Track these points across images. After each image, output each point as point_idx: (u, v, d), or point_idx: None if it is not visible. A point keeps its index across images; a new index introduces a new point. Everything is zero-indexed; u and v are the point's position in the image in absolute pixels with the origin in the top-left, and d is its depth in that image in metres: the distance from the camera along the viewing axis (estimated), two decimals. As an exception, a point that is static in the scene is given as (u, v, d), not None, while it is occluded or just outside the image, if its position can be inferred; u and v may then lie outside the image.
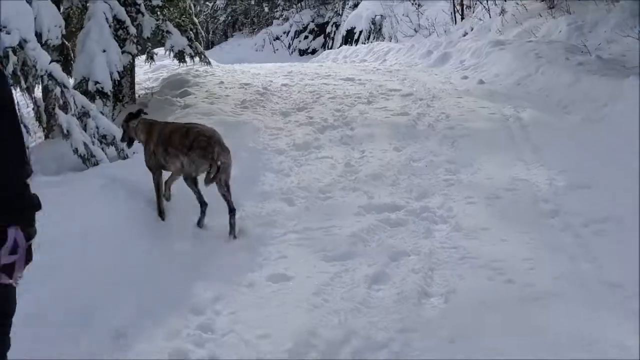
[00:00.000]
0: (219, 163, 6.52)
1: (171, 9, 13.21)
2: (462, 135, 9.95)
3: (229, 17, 55.51)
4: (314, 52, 46.37)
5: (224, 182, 6.70)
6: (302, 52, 46.82)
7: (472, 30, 21.26)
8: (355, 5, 38.41)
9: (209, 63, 14.21)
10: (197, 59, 13.97)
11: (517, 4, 19.56)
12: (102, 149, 8.25)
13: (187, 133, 6.75)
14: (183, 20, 13.90)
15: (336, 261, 5.80)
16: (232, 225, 6.57)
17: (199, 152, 6.54)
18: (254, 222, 6.78)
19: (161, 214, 6.76)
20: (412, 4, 29.09)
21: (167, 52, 11.41)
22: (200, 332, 4.80)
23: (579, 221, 6.41)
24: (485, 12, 21.17)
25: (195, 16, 14.79)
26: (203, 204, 6.78)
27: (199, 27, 14.63)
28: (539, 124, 10.35)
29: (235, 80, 14.93)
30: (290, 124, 10.98)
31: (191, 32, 13.91)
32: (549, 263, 5.61)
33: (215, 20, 56.32)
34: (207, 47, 56.44)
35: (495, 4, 20.84)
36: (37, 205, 3.12)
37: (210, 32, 58.92)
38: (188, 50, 11.20)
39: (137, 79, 14.61)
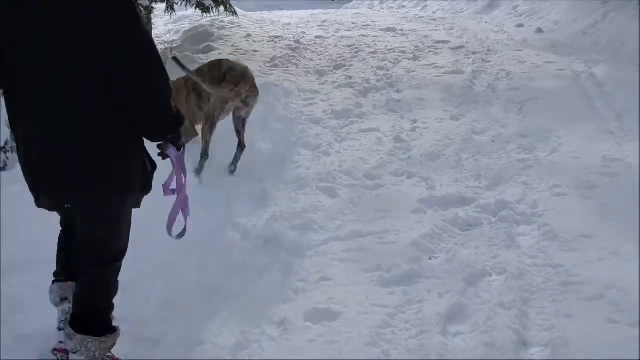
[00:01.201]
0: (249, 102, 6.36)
1: None
2: (530, 98, 8.45)
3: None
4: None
5: (243, 119, 6.42)
6: (334, -3, 45.06)
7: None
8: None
9: (234, 13, 12.70)
10: (221, 8, 12.57)
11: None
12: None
13: (220, 65, 6.56)
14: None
15: (396, 286, 4.37)
16: (236, 158, 6.31)
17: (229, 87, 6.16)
18: (287, 223, 5.37)
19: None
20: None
21: (184, 2, 9.89)
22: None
23: None
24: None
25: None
26: (205, 156, 6.16)
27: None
28: (617, 82, 8.85)
29: (264, 33, 13.42)
30: (327, 85, 9.52)
31: (213, -21, 12.46)
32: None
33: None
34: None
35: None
36: (182, 116, 3.32)
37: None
38: (207, 1, 9.70)
39: (155, 32, 13.19)
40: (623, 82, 8.81)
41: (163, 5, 12.34)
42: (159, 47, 12.57)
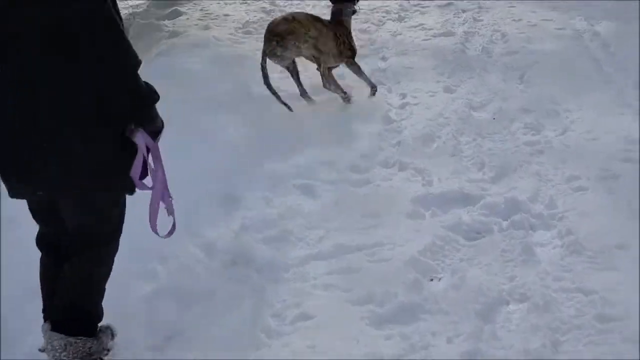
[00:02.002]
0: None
1: None
2: (530, 64, 7.58)
3: None
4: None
5: None
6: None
7: None
8: None
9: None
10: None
11: None
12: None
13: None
14: None
15: (393, 325, 3.50)
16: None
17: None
18: (259, 234, 4.51)
19: None
20: None
21: None
22: None
23: None
24: None
25: None
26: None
27: None
28: (625, 41, 8.01)
29: (235, -5, 12.44)
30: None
31: None
32: None
33: None
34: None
35: None
36: (156, 95, 2.98)
37: None
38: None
39: (120, -4, 12.21)
40: (630, 41, 7.92)
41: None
42: (123, 12, 11.58)
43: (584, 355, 3.19)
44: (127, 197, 3.18)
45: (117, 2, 2.96)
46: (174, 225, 3.16)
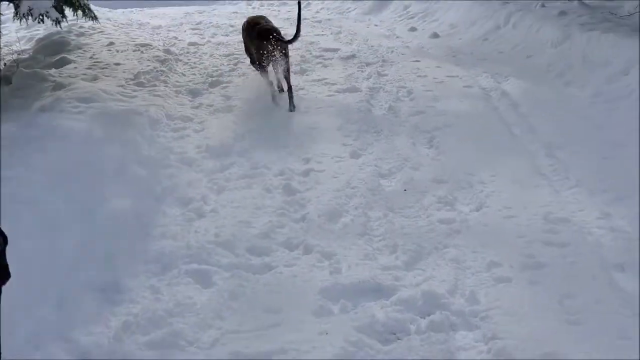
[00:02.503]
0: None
1: None
2: (439, 125, 7.22)
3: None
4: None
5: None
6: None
7: (409, -34, 18.34)
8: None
9: (94, 18, 11.09)
10: (79, 12, 10.94)
11: None
12: None
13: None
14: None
15: None
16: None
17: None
18: (144, 337, 3.89)
19: None
20: None
21: (19, 18, 8.09)
22: None
23: None
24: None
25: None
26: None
27: (81, -29, 11.40)
28: (534, 102, 7.79)
29: (129, 40, 11.79)
30: (202, 109, 8.06)
31: (70, -21, 10.81)
32: None
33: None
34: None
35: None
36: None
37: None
38: (54, 14, 7.98)
39: (5, 39, 11.41)
40: (540, 101, 7.73)
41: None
42: (7, 58, 10.79)
43: None
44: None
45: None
46: None
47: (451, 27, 12.06)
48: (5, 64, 10.13)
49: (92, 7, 11.19)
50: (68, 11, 10.85)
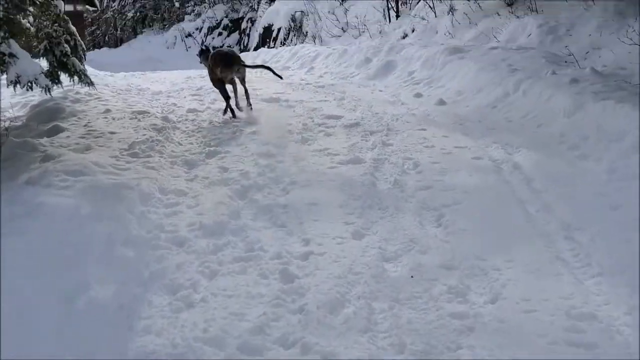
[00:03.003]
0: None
1: (41, 16, 9.91)
2: (448, 202, 6.79)
3: (138, 13, 52.32)
4: (229, 49, 43.19)
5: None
6: (217, 50, 43.70)
7: (413, 31, 18.24)
8: (273, 0, 35.32)
9: (91, 84, 10.78)
10: (75, 78, 10.65)
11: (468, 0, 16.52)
12: None
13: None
14: (55, 30, 10.53)
15: None
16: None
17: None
18: None
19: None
20: (336, -1, 25.99)
21: (10, 84, 7.74)
22: None
23: None
24: (429, 10, 18.07)
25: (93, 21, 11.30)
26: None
27: (78, 37, 11.13)
28: (548, 176, 7.32)
29: (126, 107, 11.47)
30: (197, 182, 7.65)
31: (66, 46, 10.54)
32: None
33: (124, 17, 52.90)
34: (116, 45, 53.09)
35: (441, 1, 17.79)
36: None
37: (119, 29, 55.54)
38: (43, 81, 7.62)
39: (-2, 106, 11.07)
40: (554, 176, 7.29)
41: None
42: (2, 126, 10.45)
43: None
44: None
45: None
46: None
47: (458, 93, 11.70)
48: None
49: (90, 71, 10.93)
50: (64, 77, 10.57)
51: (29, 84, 7.41)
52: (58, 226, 5.92)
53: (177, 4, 48.80)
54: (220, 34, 45.28)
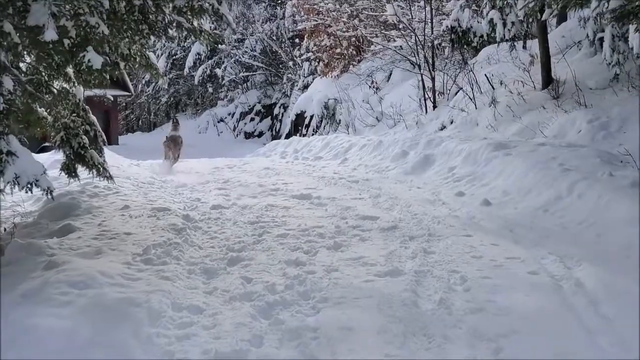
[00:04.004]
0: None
1: (60, 107, 9.32)
2: (504, 331, 5.81)
3: (172, 98, 52.54)
4: (260, 134, 43.15)
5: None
6: (248, 135, 43.69)
7: (452, 123, 17.46)
8: (306, 87, 35.00)
9: (109, 178, 10.10)
10: (94, 171, 10.01)
11: (511, 92, 15.74)
12: None
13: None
14: (73, 120, 9.92)
15: None
16: None
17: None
18: None
19: None
20: (370, 87, 25.42)
21: (7, 185, 6.94)
22: None
23: None
24: (468, 101, 17.32)
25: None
26: None
27: (98, 127, 10.50)
28: (617, 299, 6.36)
29: (147, 202, 10.70)
30: (216, 296, 6.76)
31: (84, 137, 9.92)
32: None
33: (157, 101, 53.12)
34: (149, 129, 53.15)
35: (482, 92, 17.05)
36: None
37: (152, 114, 55.74)
38: (45, 182, 6.83)
39: (12, 199, 10.37)
40: (624, 299, 6.31)
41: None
42: (11, 222, 9.69)
43: None
44: None
45: None
46: None
47: (504, 194, 10.79)
48: (5, 229, 9.03)
49: (113, 162, 10.24)
50: (81, 169, 9.92)
51: (29, 185, 6.64)
52: (48, 355, 5.07)
53: (210, 89, 48.87)
54: (252, 119, 45.15)
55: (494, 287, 6.83)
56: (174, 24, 8.36)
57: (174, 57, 50.24)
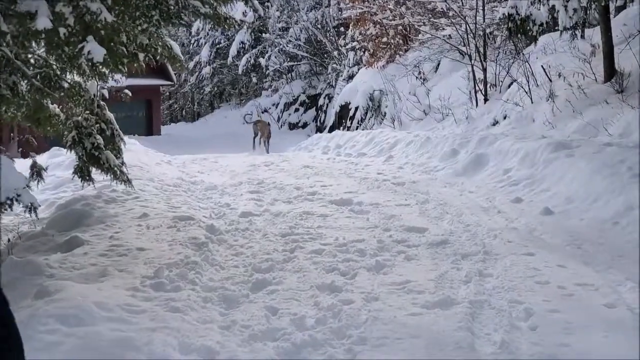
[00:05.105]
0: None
1: (72, 104, 8.46)
2: (583, 390, 4.69)
3: (215, 88, 51.85)
4: (305, 125, 42.30)
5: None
6: (292, 126, 42.86)
7: (505, 118, 16.20)
8: (350, 77, 33.87)
9: (127, 182, 9.18)
10: (110, 175, 9.12)
11: (570, 85, 14.44)
12: None
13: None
14: (86, 118, 8.99)
15: None
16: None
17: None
18: None
19: None
20: (417, 77, 24.21)
21: None
22: None
23: None
24: (524, 95, 16.03)
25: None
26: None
27: (115, 125, 9.55)
28: None
29: (168, 209, 9.72)
30: (234, 333, 5.71)
31: (98, 137, 8.99)
32: None
33: (201, 91, 52.48)
34: (193, 119, 52.51)
35: (538, 85, 15.77)
36: None
37: (196, 104, 55.11)
38: (28, 197, 5.85)
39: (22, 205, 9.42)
40: None
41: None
42: (16, 231, 8.79)
43: None
44: None
45: None
46: None
47: (567, 201, 9.60)
48: (9, 240, 8.11)
49: (137, 160, 9.33)
50: (96, 172, 8.99)
51: (9, 201, 5.66)
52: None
53: (254, 79, 48.02)
54: (297, 110, 44.25)
55: (566, 326, 5.67)
56: (190, 9, 7.33)
57: (218, 46, 49.50)
